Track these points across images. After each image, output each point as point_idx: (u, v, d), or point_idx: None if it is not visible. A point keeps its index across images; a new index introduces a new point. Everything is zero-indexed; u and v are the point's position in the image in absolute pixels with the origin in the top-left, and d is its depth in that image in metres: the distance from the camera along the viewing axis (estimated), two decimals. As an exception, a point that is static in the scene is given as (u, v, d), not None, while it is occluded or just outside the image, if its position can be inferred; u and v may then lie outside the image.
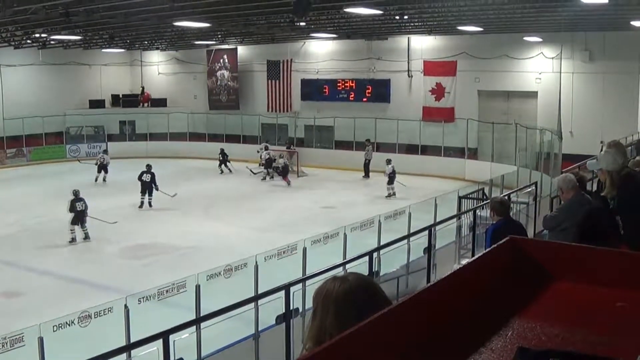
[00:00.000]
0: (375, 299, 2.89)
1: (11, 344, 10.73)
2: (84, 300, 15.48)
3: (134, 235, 27.08)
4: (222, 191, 36.58)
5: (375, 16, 28.44)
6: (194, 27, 32.87)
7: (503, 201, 11.88)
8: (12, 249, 25.47)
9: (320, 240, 16.81)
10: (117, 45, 45.95)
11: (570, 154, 31.43)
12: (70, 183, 38.42)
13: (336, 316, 2.83)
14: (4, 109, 46.70)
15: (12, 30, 34.28)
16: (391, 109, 43.65)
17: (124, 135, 51.79)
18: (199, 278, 13.07)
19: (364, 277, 3.16)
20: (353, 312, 2.73)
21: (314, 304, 2.98)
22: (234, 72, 50.52)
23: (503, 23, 31.64)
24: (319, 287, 3.01)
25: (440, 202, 21.04)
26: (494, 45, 37.93)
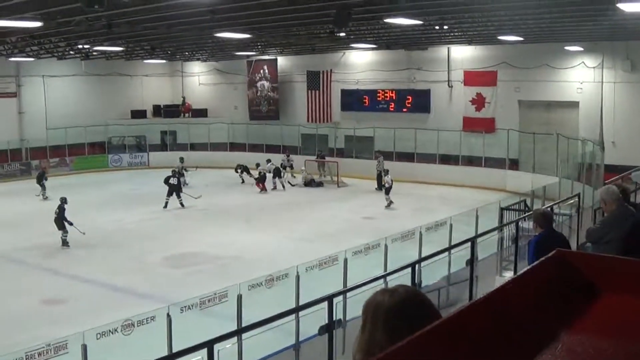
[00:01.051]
0: (426, 311, 2.89)
1: (55, 351, 10.85)
2: (126, 309, 15.59)
3: (176, 244, 27.24)
4: (263, 201, 36.70)
5: (415, 26, 28.38)
6: (235, 38, 33.02)
7: (546, 213, 11.78)
8: (56, 256, 25.77)
9: (361, 251, 16.83)
10: (159, 56, 46.32)
11: (613, 164, 31.19)
12: (112, 192, 38.92)
13: (386, 329, 2.83)
14: (47, 119, 47.28)
15: (56, 42, 34.67)
16: (431, 120, 43.52)
17: (165, 145, 52.18)
18: (241, 288, 13.12)
19: (414, 289, 3.16)
20: (403, 324, 2.74)
21: (363, 317, 2.98)
22: (274, 83, 50.66)
23: (543, 32, 31.42)
24: (369, 299, 3.01)
25: (482, 213, 20.96)
26: (534, 55, 37.65)
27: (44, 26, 24.96)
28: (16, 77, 46.59)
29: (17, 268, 24.62)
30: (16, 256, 25.95)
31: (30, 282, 22.81)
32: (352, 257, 15.93)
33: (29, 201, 35.57)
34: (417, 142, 43.07)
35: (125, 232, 29.44)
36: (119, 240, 28.11)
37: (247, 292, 13.24)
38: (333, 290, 11.32)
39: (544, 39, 34.16)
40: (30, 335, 15.40)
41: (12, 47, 35.58)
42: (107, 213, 33.11)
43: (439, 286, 15.86)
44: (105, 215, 32.51)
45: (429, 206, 33.76)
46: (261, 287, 13.86)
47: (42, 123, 47.18)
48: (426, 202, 34.93)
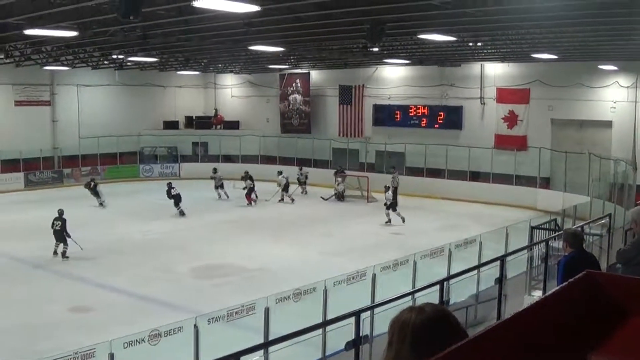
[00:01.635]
0: (452, 330, 2.88)
1: (82, 359, 10.89)
2: (153, 319, 15.63)
3: (204, 255, 27.32)
4: (292, 214, 36.73)
5: (449, 43, 28.38)
6: (268, 52, 33.17)
7: (576, 233, 11.69)
8: (86, 265, 25.89)
9: (389, 267, 16.79)
10: (192, 68, 46.64)
11: (646, 186, 30.95)
12: (142, 202, 39.13)
13: (412, 347, 2.83)
14: (80, 128, 47.68)
15: (91, 51, 35.01)
16: (463, 136, 43.40)
17: (197, 156, 52.44)
18: (269, 301, 13.13)
19: (441, 308, 3.15)
20: (430, 343, 2.74)
21: (389, 334, 2.98)
22: (306, 97, 50.79)
23: (577, 51, 31.30)
24: (395, 317, 3.01)
25: (512, 232, 20.85)
26: (568, 73, 37.47)
27: (80, 36, 25.20)
28: (50, 86, 47.04)
29: (47, 276, 24.78)
30: (46, 264, 26.14)
31: (59, 290, 22.94)
32: (380, 273, 15.89)
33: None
34: (448, 158, 42.96)
35: (154, 242, 29.56)
36: (147, 250, 28.22)
37: (274, 305, 13.24)
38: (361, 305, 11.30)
39: (578, 57, 34.01)
40: (58, 343, 15.50)
41: (47, 56, 35.96)
42: (136, 223, 33.29)
43: (467, 304, 15.75)
44: (135, 225, 32.68)
45: (458, 223, 33.59)
46: (289, 301, 13.85)
47: (75, 132, 47.62)
48: (456, 219, 34.77)
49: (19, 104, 45.60)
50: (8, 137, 43.54)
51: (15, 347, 17.04)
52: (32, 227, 31.61)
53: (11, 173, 44.02)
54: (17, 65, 39.11)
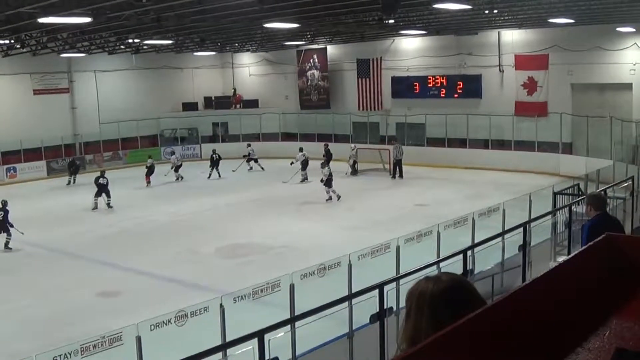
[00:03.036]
0: (470, 298, 2.86)
1: (110, 342, 10.94)
2: (180, 300, 15.70)
3: (229, 235, 27.38)
4: (315, 190, 36.71)
5: (465, 11, 28.21)
6: (284, 28, 33.10)
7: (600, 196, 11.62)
8: (111, 249, 26.05)
9: (413, 239, 16.75)
10: (209, 48, 46.63)
11: (668, 146, 30.72)
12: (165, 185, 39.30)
13: (431, 316, 2.81)
14: (99, 113, 47.84)
15: (106, 37, 35.07)
16: (483, 105, 43.22)
17: (217, 136, 52.49)
18: (293, 277, 13.14)
19: (458, 276, 3.13)
20: (448, 312, 2.71)
21: (407, 305, 2.97)
22: (324, 72, 50.70)
23: (595, 14, 31.04)
24: (413, 288, 2.99)
25: (535, 199, 20.75)
26: (586, 37, 37.16)
27: (94, 21, 25.25)
28: (68, 73, 47.15)
29: (74, 261, 24.94)
30: (72, 249, 26.31)
31: (86, 274, 23.05)
32: (404, 245, 15.86)
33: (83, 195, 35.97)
34: (468, 127, 42.83)
35: (178, 224, 29.66)
36: (172, 231, 28.33)
37: (299, 282, 13.25)
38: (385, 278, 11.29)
39: (595, 20, 33.74)
40: (86, 328, 15.58)
41: (64, 43, 36.06)
42: (160, 205, 33.43)
43: (493, 272, 15.72)
44: (159, 207, 32.82)
45: (481, 192, 33.52)
46: (313, 276, 13.85)
47: (94, 118, 47.79)
48: (479, 188, 34.70)
49: (38, 92, 45.77)
50: (28, 126, 43.70)
51: (45, 333, 17.19)
52: (58, 214, 31.84)
53: (33, 162, 44.21)
54: (33, 54, 39.27)
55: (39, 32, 31.13)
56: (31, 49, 37.15)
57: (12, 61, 40.13)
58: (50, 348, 11.27)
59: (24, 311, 19.29)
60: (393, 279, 11.72)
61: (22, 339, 16.87)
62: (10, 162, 43.30)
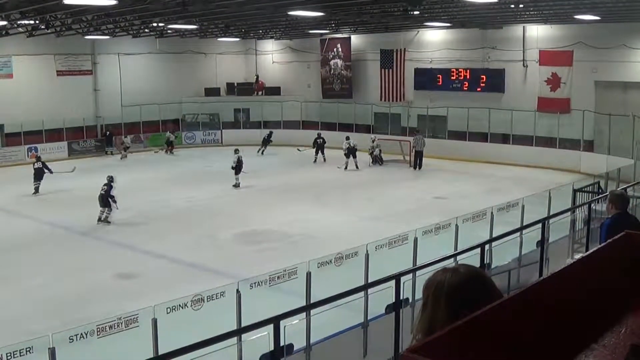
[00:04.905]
0: (487, 291, 2.87)
1: (126, 324, 11.02)
2: (197, 284, 15.75)
3: (247, 221, 27.45)
4: (333, 179, 36.76)
5: (490, 5, 28.13)
6: (308, 16, 33.07)
7: (623, 194, 11.55)
8: (130, 232, 26.21)
9: (431, 231, 16.77)
10: (233, 34, 46.64)
11: (690, 147, 30.55)
12: (185, 169, 39.42)
13: (447, 308, 2.82)
14: (122, 96, 47.95)
15: (131, 20, 35.12)
16: (505, 99, 43.06)
17: (239, 122, 52.56)
18: (310, 265, 13.17)
19: (476, 268, 3.14)
20: (465, 304, 2.72)
21: (424, 296, 2.98)
22: (347, 61, 50.62)
23: (621, 11, 30.87)
24: (430, 279, 3.00)
25: (555, 195, 20.71)
26: (611, 35, 36.90)
27: (119, 4, 25.33)
28: (92, 55, 47.28)
29: (93, 243, 25.08)
30: (91, 231, 26.47)
31: (106, 257, 23.21)
32: (422, 237, 15.88)
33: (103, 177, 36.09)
34: (490, 122, 42.70)
35: (197, 209, 29.76)
36: (191, 216, 28.43)
37: (316, 270, 13.28)
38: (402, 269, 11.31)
39: (622, 18, 33.54)
40: (104, 309, 15.66)
41: (88, 25, 36.15)
42: (179, 190, 33.51)
43: (510, 267, 15.71)
44: (178, 192, 32.90)
45: (501, 187, 33.43)
46: (330, 265, 13.88)
47: (117, 100, 47.88)
48: (498, 183, 34.62)
49: (61, 73, 45.91)
50: (51, 107, 43.94)
51: (61, 312, 17.30)
52: (77, 196, 31.96)
53: (55, 142, 44.44)
54: (58, 36, 39.36)
55: (64, 13, 31.22)
56: (55, 30, 37.26)
57: (37, 42, 40.19)
58: (66, 328, 11.37)
59: (41, 290, 19.44)
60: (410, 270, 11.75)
61: (38, 318, 16.97)
62: (32, 142, 43.44)
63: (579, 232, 17.97)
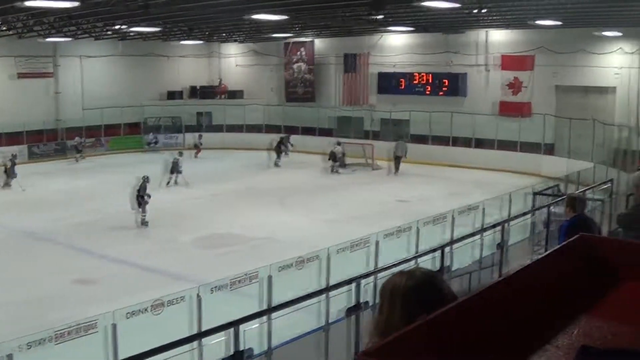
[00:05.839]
0: (442, 294, 2.89)
1: (85, 330, 10.94)
2: (157, 289, 15.68)
3: (209, 225, 27.35)
4: (297, 183, 36.74)
5: (453, 9, 28.24)
6: (272, 20, 33.03)
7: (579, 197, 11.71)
8: (90, 236, 25.95)
9: (393, 234, 16.81)
10: (196, 37, 46.47)
11: (649, 151, 30.89)
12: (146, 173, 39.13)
13: (403, 311, 2.84)
14: (83, 99, 47.56)
15: (93, 22, 34.86)
16: (467, 103, 43.32)
17: (201, 126, 52.29)
18: (271, 269, 13.15)
19: (431, 272, 3.17)
20: (420, 307, 2.74)
21: (380, 299, 3.00)
22: (311, 65, 50.65)
23: (582, 17, 31.15)
24: (386, 282, 3.02)
25: (515, 198, 20.86)
26: (572, 40, 37.27)
27: (81, 6, 25.13)
28: (53, 57, 46.80)
29: (52, 247, 24.85)
30: (50, 236, 26.19)
31: (64, 261, 22.99)
32: (383, 240, 15.92)
33: (64, 181, 35.86)
34: (452, 125, 42.91)
35: (158, 213, 29.48)
36: (152, 220, 28.20)
37: (277, 274, 13.27)
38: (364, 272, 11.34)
39: (582, 23, 33.86)
40: (62, 315, 15.51)
41: (50, 27, 35.83)
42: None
43: (470, 270, 15.81)
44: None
45: (462, 190, 33.55)
46: (292, 269, 13.88)
47: (78, 103, 47.45)
48: (460, 186, 34.77)
49: (22, 76, 45.39)
50: (11, 110, 43.38)
51: (21, 319, 17.10)
52: (36, 199, 31.66)
53: (15, 146, 43.88)
54: (19, 37, 38.97)
55: (26, 15, 30.92)
56: (17, 32, 36.91)
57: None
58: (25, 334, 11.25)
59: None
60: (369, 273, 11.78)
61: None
62: (-9, 145, 42.97)
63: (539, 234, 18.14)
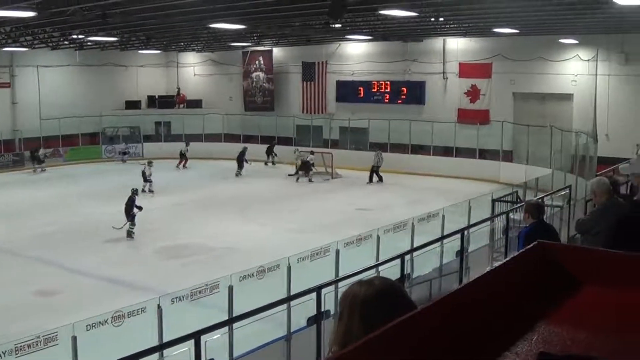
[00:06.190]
0: (401, 302, 2.90)
1: (45, 342, 10.83)
2: (119, 300, 15.58)
3: (171, 235, 27.24)
4: (258, 192, 36.69)
5: (411, 18, 28.36)
6: (230, 29, 32.97)
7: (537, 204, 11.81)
8: (49, 248, 25.67)
9: (353, 242, 16.82)
10: (154, 47, 46.26)
11: (606, 156, 31.20)
12: (105, 183, 38.86)
13: (362, 320, 2.84)
14: (41, 109, 47.14)
15: (50, 32, 34.58)
16: (426, 111, 43.55)
17: (160, 136, 52.10)
18: (232, 279, 13.12)
19: (390, 281, 3.18)
20: (379, 315, 2.74)
21: (339, 308, 3.01)
22: (269, 74, 50.65)
23: (539, 25, 31.43)
24: (345, 291, 3.03)
25: (474, 205, 20.96)
26: (529, 48, 37.66)
27: (38, 16, 24.90)
28: (10, 67, 46.44)
29: (11, 259, 24.58)
30: (10, 247, 25.90)
31: (24, 273, 22.74)
32: (344, 248, 15.92)
33: (22, 192, 35.49)
34: (411, 133, 43.07)
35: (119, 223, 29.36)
36: (113, 231, 28.00)
37: (238, 283, 13.23)
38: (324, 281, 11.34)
39: (540, 31, 34.18)
40: (22, 327, 15.34)
41: (6, 37, 35.45)
42: (101, 204, 32.98)
43: (431, 277, 15.88)
44: (99, 207, 32.40)
45: (422, 198, 33.69)
46: (252, 278, 13.85)
47: (35, 113, 47.02)
48: (420, 194, 34.90)
49: (-22, 86, 45.06)
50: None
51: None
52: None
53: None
54: (-26, 47, 38.64)
55: (-20, 25, 30.65)
56: (-28, 42, 36.57)
57: (-48, 53, 39.50)
58: (-16, 347, 11.12)
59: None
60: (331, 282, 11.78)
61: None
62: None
63: (498, 241, 18.25)
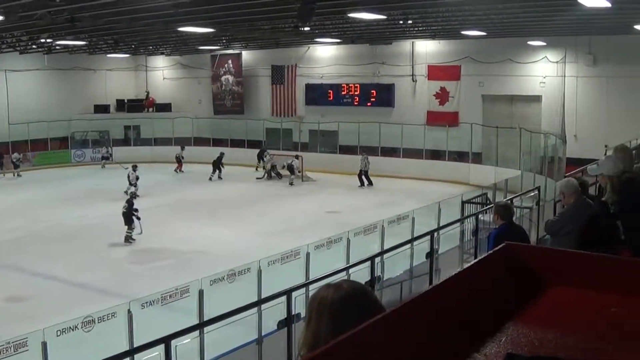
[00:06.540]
0: (370, 306, 2.90)
1: (15, 348, 10.76)
2: (88, 305, 15.48)
3: (141, 239, 27.08)
4: (228, 196, 36.60)
5: (379, 21, 28.43)
6: (198, 33, 32.89)
7: (506, 205, 11.86)
8: (18, 254, 25.46)
9: (323, 245, 16.83)
10: (122, 51, 46.01)
11: (575, 157, 31.36)
12: (75, 188, 38.62)
13: (331, 323, 2.84)
14: (9, 113, 46.76)
15: (18, 36, 34.32)
16: (395, 114, 43.67)
17: (129, 140, 51.89)
18: (202, 283, 13.09)
19: (358, 284, 3.18)
20: (347, 318, 2.74)
21: (308, 311, 3.00)
22: (239, 77, 50.60)
23: (507, 27, 31.60)
24: (314, 295, 3.03)
25: (444, 207, 21.02)
26: (497, 50, 37.89)
27: (6, 20, 24.72)
28: (-23, 72, 46.06)
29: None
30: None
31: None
32: (314, 251, 15.93)
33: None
34: (381, 136, 43.16)
35: (89, 228, 29.21)
36: (82, 235, 27.86)
37: (208, 287, 13.21)
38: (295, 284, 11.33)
39: (507, 33, 34.33)
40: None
41: (-26, 41, 35.22)
42: (70, 209, 32.81)
43: (401, 279, 15.91)
44: (69, 211, 32.21)
45: (393, 200, 33.79)
46: (223, 282, 13.83)
47: (3, 118, 46.60)
48: (390, 196, 34.98)
49: (-55, 91, 44.62)
50: None
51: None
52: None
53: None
54: (-59, 52, 38.27)
55: (-53, 29, 30.38)
56: (-61, 46, 36.24)
57: None
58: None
59: None
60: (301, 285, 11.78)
61: None
62: None
63: (468, 242, 18.31)
